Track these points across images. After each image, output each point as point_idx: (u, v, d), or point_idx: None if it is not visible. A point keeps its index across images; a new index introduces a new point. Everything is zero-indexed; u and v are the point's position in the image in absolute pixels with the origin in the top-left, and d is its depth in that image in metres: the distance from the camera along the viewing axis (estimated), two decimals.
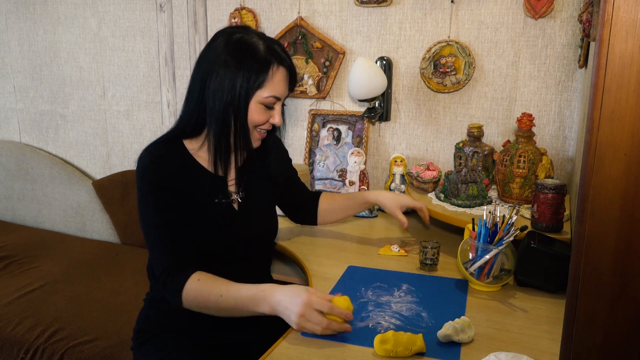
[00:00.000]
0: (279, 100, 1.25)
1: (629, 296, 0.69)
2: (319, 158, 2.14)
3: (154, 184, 1.19)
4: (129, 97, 2.48)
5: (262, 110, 1.23)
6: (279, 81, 1.23)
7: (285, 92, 1.26)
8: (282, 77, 1.24)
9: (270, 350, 1.07)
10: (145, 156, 1.22)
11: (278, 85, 1.23)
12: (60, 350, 1.64)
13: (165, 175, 1.20)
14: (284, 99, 1.28)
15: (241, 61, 1.19)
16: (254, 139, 1.27)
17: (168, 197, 1.19)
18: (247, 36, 1.22)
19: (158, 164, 1.20)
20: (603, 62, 0.65)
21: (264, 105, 1.23)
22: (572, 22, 1.77)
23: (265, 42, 1.22)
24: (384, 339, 1.04)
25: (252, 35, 1.23)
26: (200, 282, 1.15)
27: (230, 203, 1.29)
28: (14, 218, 2.72)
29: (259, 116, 1.23)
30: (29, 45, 2.61)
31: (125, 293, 1.94)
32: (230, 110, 1.20)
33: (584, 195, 0.69)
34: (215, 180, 1.27)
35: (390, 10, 1.98)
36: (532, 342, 1.10)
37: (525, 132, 1.63)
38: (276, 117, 1.26)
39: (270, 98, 1.22)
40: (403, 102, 2.04)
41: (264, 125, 1.26)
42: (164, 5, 2.31)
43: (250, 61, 1.19)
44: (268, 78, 1.21)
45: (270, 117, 1.25)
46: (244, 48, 1.20)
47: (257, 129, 1.26)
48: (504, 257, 1.33)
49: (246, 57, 1.19)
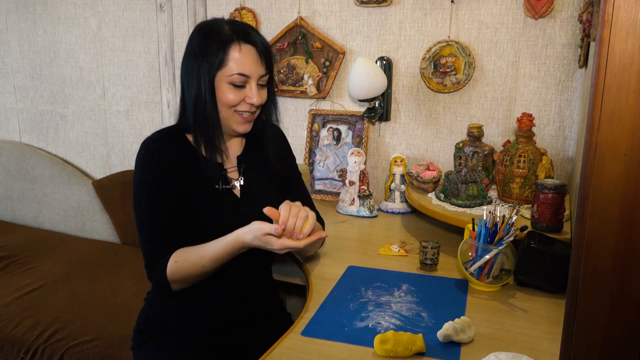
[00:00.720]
0: (248, 77, 1.22)
1: (629, 296, 0.69)
2: (319, 158, 2.14)
3: (149, 176, 1.22)
4: (129, 97, 2.48)
5: (231, 89, 1.21)
6: (243, 58, 1.20)
7: (255, 70, 1.22)
8: (248, 54, 1.21)
9: (270, 350, 1.07)
10: (145, 145, 1.24)
11: (243, 62, 1.20)
12: (60, 350, 1.64)
13: (163, 165, 1.22)
14: (261, 78, 1.25)
15: (204, 46, 1.21)
16: (237, 122, 1.26)
17: (161, 189, 1.21)
18: (212, 23, 1.24)
19: (158, 152, 1.22)
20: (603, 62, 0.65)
21: (232, 85, 1.21)
22: (572, 22, 1.77)
23: (229, 25, 1.23)
24: (384, 339, 1.04)
25: (219, 22, 1.25)
26: (177, 263, 1.19)
27: (231, 189, 1.30)
28: (14, 218, 2.72)
29: (230, 96, 1.21)
30: (29, 45, 2.61)
31: (125, 293, 1.94)
32: (200, 98, 1.21)
33: (584, 195, 0.69)
34: (215, 168, 1.28)
35: (390, 10, 1.98)
36: (532, 342, 1.10)
37: (525, 132, 1.63)
38: (252, 97, 1.22)
39: (235, 75, 1.20)
40: (403, 102, 2.04)
41: (242, 106, 1.24)
42: (164, 5, 2.31)
43: (211, 44, 1.20)
44: (230, 57, 1.20)
45: (246, 96, 1.23)
46: (207, 33, 1.22)
47: (237, 112, 1.24)
48: (504, 257, 1.33)
49: (208, 42, 1.21)
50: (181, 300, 1.28)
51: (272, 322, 1.37)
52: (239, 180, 1.32)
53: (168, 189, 1.22)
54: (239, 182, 1.31)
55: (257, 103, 1.24)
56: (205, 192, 1.26)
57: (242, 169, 1.33)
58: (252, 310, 1.34)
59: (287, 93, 2.19)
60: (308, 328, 1.14)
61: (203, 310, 1.28)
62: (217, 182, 1.27)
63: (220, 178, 1.28)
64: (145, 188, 1.22)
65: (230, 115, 1.24)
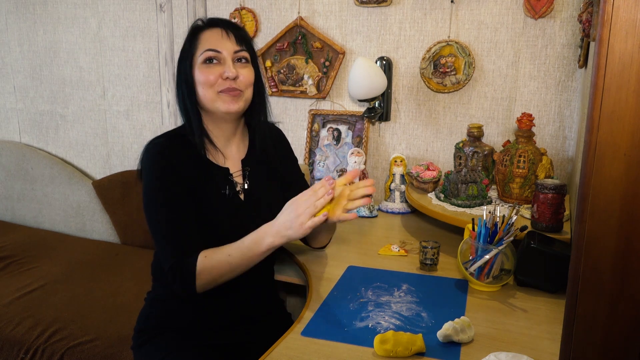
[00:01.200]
0: (219, 52, 1.23)
1: (629, 296, 0.69)
2: (319, 158, 2.14)
3: (161, 176, 1.20)
4: (129, 97, 2.48)
5: (206, 67, 1.24)
6: (210, 37, 1.25)
7: (225, 46, 1.24)
8: (214, 34, 1.26)
9: (270, 350, 1.07)
10: (152, 148, 1.23)
11: (209, 40, 1.24)
12: (60, 350, 1.64)
13: (173, 166, 1.21)
14: (236, 53, 1.25)
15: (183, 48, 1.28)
16: (224, 101, 1.24)
17: (176, 189, 1.20)
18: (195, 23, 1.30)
19: (165, 155, 1.21)
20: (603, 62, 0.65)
21: (206, 64, 1.24)
22: (572, 22, 1.77)
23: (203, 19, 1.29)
24: (384, 339, 1.04)
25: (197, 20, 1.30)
26: (207, 257, 1.17)
27: (237, 193, 1.29)
28: (14, 218, 2.72)
29: (205, 74, 1.23)
30: (29, 45, 2.61)
31: (125, 293, 1.94)
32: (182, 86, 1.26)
33: (584, 195, 0.69)
34: (220, 172, 1.28)
35: (390, 10, 1.98)
36: (532, 342, 1.10)
37: (525, 132, 1.63)
38: (227, 70, 1.22)
39: (205, 52, 1.23)
40: (403, 102, 2.04)
41: (220, 85, 1.24)
42: (164, 5, 2.31)
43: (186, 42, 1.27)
44: (199, 41, 1.25)
45: (222, 73, 1.23)
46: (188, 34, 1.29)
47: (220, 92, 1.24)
48: (503, 257, 1.33)
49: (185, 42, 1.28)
50: (182, 301, 1.28)
51: (272, 322, 1.38)
52: (244, 184, 1.32)
53: (180, 185, 1.21)
54: (244, 186, 1.31)
55: (232, 75, 1.23)
56: (211, 196, 1.25)
57: (246, 172, 1.33)
58: (252, 310, 1.34)
59: (287, 93, 2.19)
60: (308, 328, 1.14)
61: (203, 310, 1.28)
62: (224, 187, 1.27)
63: (227, 183, 1.28)
64: (159, 186, 1.20)
65: (215, 97, 1.24)
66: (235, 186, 1.30)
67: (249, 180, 1.32)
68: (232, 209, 1.28)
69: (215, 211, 1.25)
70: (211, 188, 1.26)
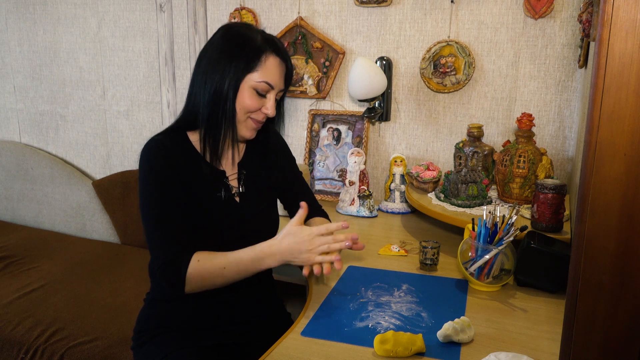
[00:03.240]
0: (272, 89, 1.24)
1: (629, 296, 0.69)
2: (319, 158, 2.14)
3: (157, 174, 1.20)
4: (129, 97, 2.48)
5: (253, 95, 1.23)
6: (272, 68, 1.23)
7: (279, 83, 1.25)
8: (276, 66, 1.24)
9: (270, 350, 1.07)
10: (149, 146, 1.23)
11: (271, 72, 1.23)
12: (60, 350, 1.64)
13: (170, 165, 1.20)
14: (279, 92, 1.27)
15: (235, 49, 1.22)
16: (248, 127, 1.27)
17: (171, 187, 1.20)
18: (245, 29, 1.25)
19: (163, 154, 1.21)
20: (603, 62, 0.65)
21: (256, 92, 1.23)
22: (572, 22, 1.77)
23: (262, 35, 1.25)
24: (384, 339, 1.04)
25: (252, 29, 1.26)
26: (200, 262, 1.17)
27: (232, 197, 1.29)
28: (14, 218, 2.72)
29: (250, 101, 1.23)
30: (29, 45, 2.61)
31: (125, 293, 1.94)
32: (221, 94, 1.21)
33: (584, 195, 0.69)
34: (217, 174, 1.28)
35: (390, 10, 1.98)
36: (532, 342, 1.10)
37: (525, 132, 1.63)
38: (269, 108, 1.25)
39: (262, 83, 1.22)
40: (403, 102, 2.04)
41: (257, 115, 1.25)
42: (164, 5, 2.31)
43: (243, 49, 1.22)
44: (261, 63, 1.22)
45: (263, 106, 1.25)
46: (240, 38, 1.23)
47: (250, 118, 1.25)
48: (503, 257, 1.33)
49: (240, 46, 1.22)
50: (181, 301, 1.28)
51: (272, 322, 1.38)
52: (240, 187, 1.32)
53: (177, 184, 1.21)
54: (240, 190, 1.32)
55: (271, 115, 1.26)
56: (206, 197, 1.26)
57: (242, 175, 1.33)
58: (252, 310, 1.34)
59: (287, 93, 2.18)
60: (308, 328, 1.14)
61: (203, 311, 1.28)
62: (219, 190, 1.27)
63: (223, 186, 1.28)
64: (155, 183, 1.20)
65: (244, 120, 1.25)
66: (230, 189, 1.30)
67: (244, 183, 1.33)
68: (227, 212, 1.28)
69: (210, 213, 1.25)
70: (207, 190, 1.26)
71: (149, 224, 1.20)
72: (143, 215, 1.22)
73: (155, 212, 1.19)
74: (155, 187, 1.20)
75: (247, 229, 1.30)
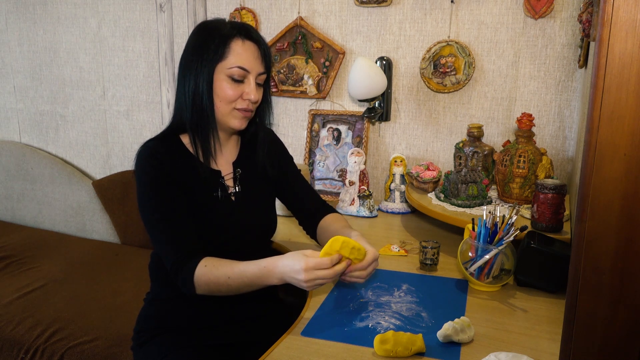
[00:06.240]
0: (248, 72, 1.22)
1: (629, 296, 0.69)
2: (319, 158, 2.14)
3: (155, 178, 1.20)
4: (129, 97, 2.48)
5: (230, 83, 1.21)
6: (243, 52, 1.21)
7: (254, 66, 1.23)
8: (248, 49, 1.22)
9: (270, 350, 1.07)
10: (143, 151, 1.23)
11: (242, 56, 1.21)
12: (60, 350, 1.64)
13: (164, 169, 1.21)
14: (259, 75, 1.25)
15: (203, 44, 1.21)
16: (236, 117, 1.25)
17: (169, 190, 1.20)
18: (214, 20, 1.26)
19: (157, 158, 1.21)
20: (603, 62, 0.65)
21: (232, 79, 1.21)
22: (572, 22, 1.77)
23: (231, 23, 1.24)
24: (384, 339, 1.04)
25: (221, 21, 1.25)
26: (207, 267, 1.16)
27: (229, 196, 1.29)
28: (14, 218, 2.72)
29: (228, 90, 1.21)
30: (29, 45, 2.61)
31: (125, 293, 1.94)
32: (198, 91, 1.21)
33: (584, 195, 0.69)
34: (212, 174, 1.28)
35: (390, 10, 1.98)
36: (532, 342, 1.10)
37: (525, 132, 1.63)
38: (250, 92, 1.22)
39: (235, 69, 1.20)
40: (403, 102, 2.04)
41: (240, 103, 1.24)
42: (164, 5, 2.31)
43: (213, 41, 1.21)
44: (230, 50, 1.21)
45: (243, 92, 1.23)
46: (208, 29, 1.23)
47: (236, 109, 1.24)
48: (503, 257, 1.33)
49: (210, 36, 1.22)
50: (181, 301, 1.28)
51: (272, 322, 1.38)
52: (235, 187, 1.32)
53: (173, 188, 1.21)
54: (235, 189, 1.32)
55: (254, 99, 1.24)
56: (202, 198, 1.26)
57: (237, 174, 1.33)
58: (252, 310, 1.34)
59: (287, 93, 2.19)
60: (308, 328, 1.15)
61: (203, 310, 1.29)
62: (215, 190, 1.27)
63: (219, 186, 1.28)
64: (151, 189, 1.20)
65: (228, 111, 1.24)
66: (226, 189, 1.30)
67: (240, 182, 1.33)
68: (223, 211, 1.28)
69: (207, 213, 1.25)
70: (203, 190, 1.26)
71: (154, 230, 1.21)
72: (145, 222, 1.22)
73: (155, 217, 1.20)
74: (153, 193, 1.20)
75: (243, 228, 1.30)
